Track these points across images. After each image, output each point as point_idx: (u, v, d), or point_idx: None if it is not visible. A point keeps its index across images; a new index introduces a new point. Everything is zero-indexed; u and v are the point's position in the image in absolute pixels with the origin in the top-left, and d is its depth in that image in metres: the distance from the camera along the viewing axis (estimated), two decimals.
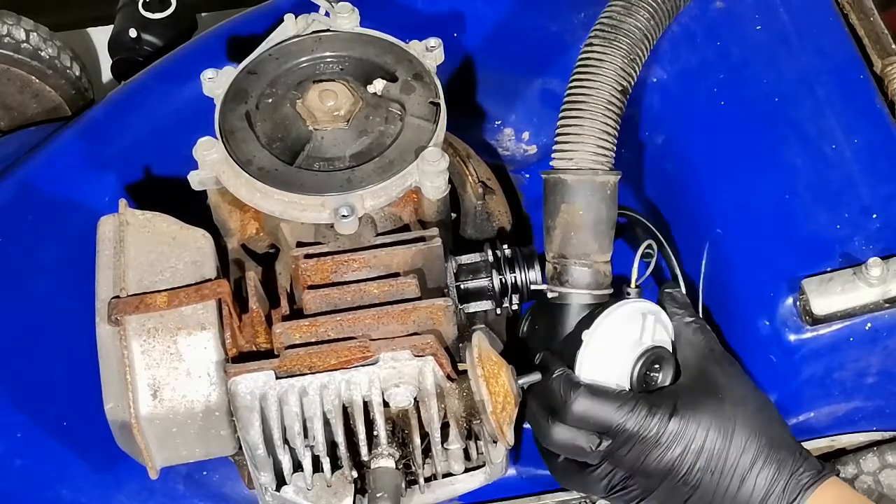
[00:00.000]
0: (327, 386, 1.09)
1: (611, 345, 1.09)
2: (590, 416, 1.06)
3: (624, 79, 1.15)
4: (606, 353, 1.09)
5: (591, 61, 1.15)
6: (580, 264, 1.13)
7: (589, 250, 1.13)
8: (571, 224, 1.13)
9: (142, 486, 1.23)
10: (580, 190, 1.12)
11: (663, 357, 1.11)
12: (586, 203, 1.12)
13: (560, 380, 1.08)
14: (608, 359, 1.09)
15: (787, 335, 1.16)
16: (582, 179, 1.12)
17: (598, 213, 1.13)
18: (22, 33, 1.52)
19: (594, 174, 1.12)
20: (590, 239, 1.13)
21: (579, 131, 1.13)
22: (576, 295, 1.13)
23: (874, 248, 1.16)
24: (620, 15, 1.17)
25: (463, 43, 1.43)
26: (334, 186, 1.10)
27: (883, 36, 1.32)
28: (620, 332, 1.10)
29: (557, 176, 1.13)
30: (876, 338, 1.16)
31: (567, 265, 1.14)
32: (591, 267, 1.13)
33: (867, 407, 1.20)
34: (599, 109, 1.13)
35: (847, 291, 1.15)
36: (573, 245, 1.13)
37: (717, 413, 1.06)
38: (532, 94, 1.45)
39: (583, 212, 1.13)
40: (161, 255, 1.14)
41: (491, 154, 1.44)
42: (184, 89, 1.39)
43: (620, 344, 1.09)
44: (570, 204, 1.13)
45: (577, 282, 1.13)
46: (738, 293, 1.19)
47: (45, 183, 1.38)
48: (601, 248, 1.14)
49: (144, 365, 1.09)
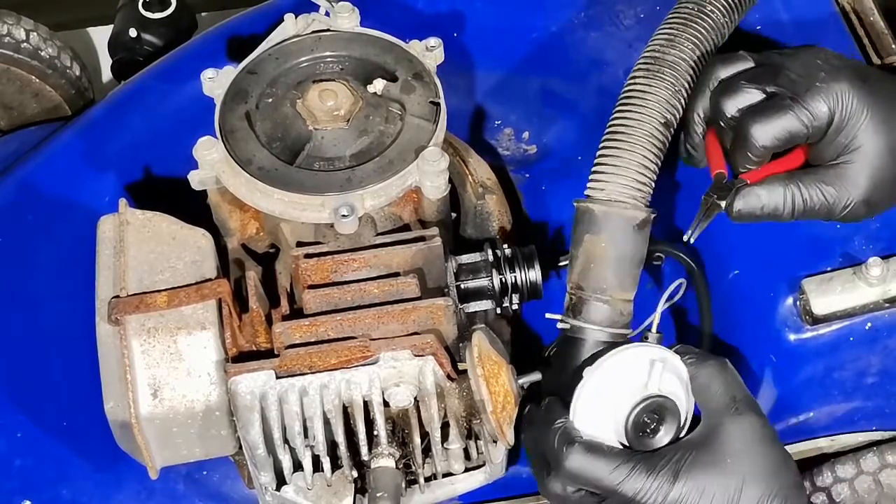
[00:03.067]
0: (327, 385, 1.09)
1: (610, 388, 1.03)
2: (584, 474, 1.01)
3: (668, 111, 1.09)
4: (604, 395, 1.03)
5: (635, 93, 1.10)
6: (597, 299, 1.07)
7: (607, 285, 1.07)
8: (593, 256, 1.07)
9: (142, 485, 1.23)
10: (606, 222, 1.07)
11: (666, 408, 1.02)
12: (610, 236, 1.06)
13: (557, 432, 1.03)
14: (605, 402, 1.03)
15: (787, 335, 1.16)
16: (609, 212, 1.06)
17: (623, 248, 1.07)
18: (22, 33, 1.52)
19: (623, 207, 1.06)
20: (609, 273, 1.07)
21: (616, 162, 1.07)
22: (589, 330, 1.07)
23: (874, 248, 1.16)
24: (664, 47, 1.12)
25: (463, 43, 1.43)
26: (334, 186, 1.10)
27: (883, 36, 1.32)
28: (622, 376, 1.03)
29: (586, 205, 1.08)
30: (876, 338, 1.16)
31: (583, 298, 1.08)
32: (607, 303, 1.07)
33: (867, 407, 1.20)
34: (639, 141, 1.07)
35: (847, 291, 1.15)
36: (591, 278, 1.07)
37: (723, 478, 0.99)
38: (532, 94, 1.45)
39: (605, 244, 1.07)
40: (161, 255, 1.14)
41: (491, 154, 1.44)
42: (184, 89, 1.39)
43: (621, 388, 1.02)
44: (594, 235, 1.07)
45: (592, 316, 1.07)
46: (739, 293, 1.19)
47: (45, 183, 1.38)
48: (621, 285, 1.07)
49: (144, 364, 1.09)
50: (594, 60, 1.40)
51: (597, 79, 1.40)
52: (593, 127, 1.38)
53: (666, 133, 1.09)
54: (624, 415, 1.02)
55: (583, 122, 1.40)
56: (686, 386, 1.04)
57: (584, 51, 1.41)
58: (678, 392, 1.03)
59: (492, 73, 1.45)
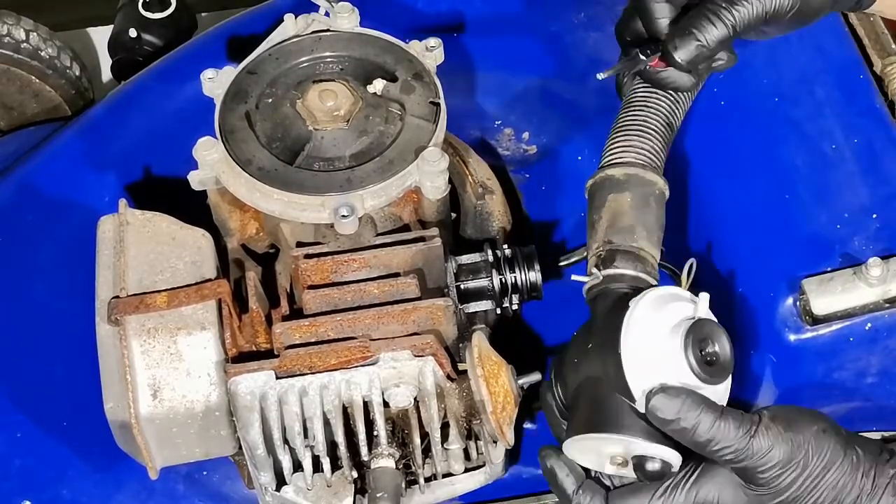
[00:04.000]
0: (327, 386, 1.09)
1: (658, 316, 0.98)
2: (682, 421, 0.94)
3: (671, 115, 1.13)
4: (653, 324, 0.98)
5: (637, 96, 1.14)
6: (628, 248, 1.06)
7: (637, 236, 1.07)
8: (620, 211, 1.08)
9: (142, 486, 1.23)
10: (629, 183, 1.09)
11: (716, 332, 0.98)
12: (634, 194, 1.08)
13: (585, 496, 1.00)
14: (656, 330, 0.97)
15: (787, 335, 1.16)
16: (630, 173, 1.09)
17: (646, 206, 1.08)
18: (22, 33, 1.52)
19: (644, 171, 1.09)
20: (639, 226, 1.07)
21: (628, 139, 1.11)
22: (625, 275, 1.05)
23: (874, 248, 1.16)
24: None
25: (463, 43, 1.43)
26: (334, 186, 1.10)
27: (883, 36, 1.32)
28: (668, 307, 0.99)
29: (604, 173, 1.10)
30: (876, 338, 1.16)
31: (614, 249, 1.06)
32: (639, 252, 1.06)
33: (867, 407, 1.20)
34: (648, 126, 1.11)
35: (847, 291, 1.15)
36: (622, 229, 1.07)
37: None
38: (532, 94, 1.45)
39: (630, 199, 1.08)
40: (161, 255, 1.14)
41: (491, 154, 1.44)
42: (184, 89, 1.39)
43: (668, 317, 0.98)
44: (619, 193, 1.08)
45: (625, 264, 1.06)
46: (739, 293, 1.19)
47: (45, 183, 1.38)
48: (649, 239, 1.07)
49: (144, 365, 1.09)
50: (594, 60, 1.40)
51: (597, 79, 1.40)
52: (593, 127, 1.39)
53: (668, 135, 1.11)
54: (679, 334, 0.97)
55: (583, 121, 1.40)
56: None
57: (584, 51, 1.41)
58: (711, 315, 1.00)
59: (492, 73, 1.45)
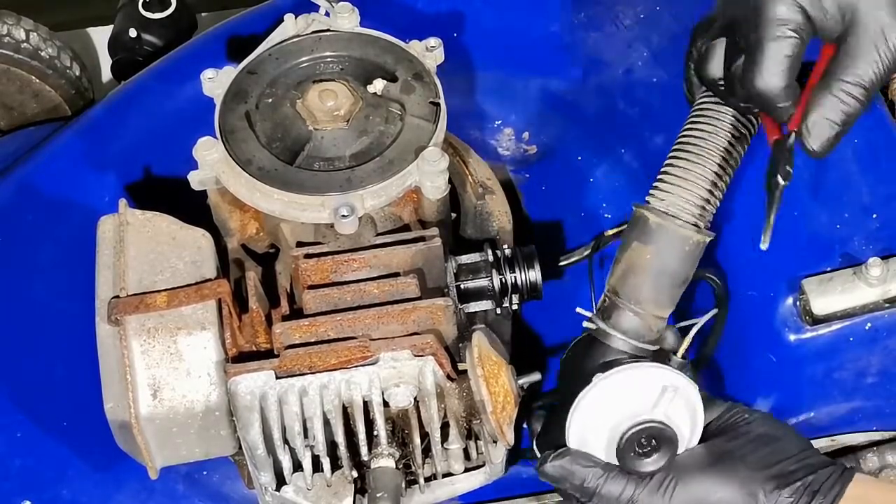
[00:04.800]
0: (327, 386, 1.09)
1: (614, 401, 1.00)
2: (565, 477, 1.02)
3: (743, 125, 1.05)
4: (606, 407, 1.00)
5: (707, 103, 1.06)
6: (629, 308, 1.04)
7: (643, 298, 1.04)
8: (635, 265, 1.04)
9: (142, 485, 1.23)
10: (658, 234, 1.03)
11: (666, 438, 0.99)
12: (657, 249, 1.03)
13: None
14: (605, 414, 1.00)
15: (787, 335, 1.16)
16: (663, 224, 1.03)
17: (668, 265, 1.03)
18: (22, 33, 1.52)
19: (679, 224, 1.03)
20: (648, 287, 1.04)
21: (683, 174, 1.04)
22: (613, 337, 1.04)
23: (874, 248, 1.16)
24: None
25: (463, 43, 1.43)
26: (334, 186, 1.10)
27: None
28: (630, 393, 1.00)
29: (642, 212, 1.04)
30: (876, 338, 1.16)
31: (616, 304, 1.05)
32: (638, 315, 1.04)
33: (867, 407, 1.20)
34: (710, 155, 1.04)
35: (847, 291, 1.15)
36: (628, 286, 1.04)
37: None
38: (532, 94, 1.45)
39: (650, 256, 1.03)
40: (161, 255, 1.14)
41: (491, 154, 1.44)
42: (184, 89, 1.39)
43: (624, 404, 0.99)
44: (642, 244, 1.04)
45: (620, 324, 1.04)
46: (739, 293, 1.19)
47: (45, 183, 1.38)
48: (657, 301, 1.04)
49: (144, 365, 1.09)
50: (594, 60, 1.40)
51: (597, 79, 1.40)
52: (593, 127, 1.39)
53: (739, 148, 1.05)
54: (620, 431, 0.99)
55: (582, 121, 1.40)
56: (694, 420, 1.01)
57: (584, 51, 1.41)
58: (683, 425, 1.00)
59: (492, 73, 1.45)
